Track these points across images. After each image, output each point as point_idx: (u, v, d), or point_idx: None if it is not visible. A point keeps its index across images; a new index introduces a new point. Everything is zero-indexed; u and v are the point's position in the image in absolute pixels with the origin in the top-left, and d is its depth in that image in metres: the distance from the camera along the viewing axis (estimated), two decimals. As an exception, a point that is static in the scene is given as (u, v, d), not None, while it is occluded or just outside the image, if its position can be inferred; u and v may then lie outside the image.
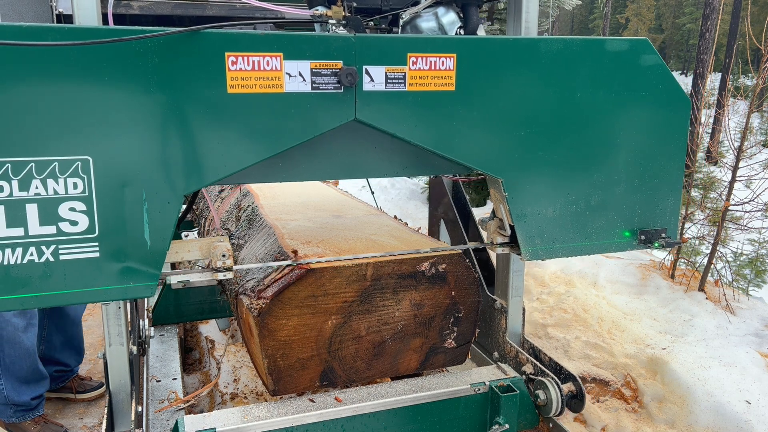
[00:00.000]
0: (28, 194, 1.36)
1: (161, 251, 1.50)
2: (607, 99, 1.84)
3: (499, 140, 1.75)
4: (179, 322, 2.77)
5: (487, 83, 1.70)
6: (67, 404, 2.93)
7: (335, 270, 1.72)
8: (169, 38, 1.40)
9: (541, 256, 1.89)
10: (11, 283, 1.38)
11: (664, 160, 1.96)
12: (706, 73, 8.52)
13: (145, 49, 1.39)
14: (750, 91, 3.87)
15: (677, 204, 2.01)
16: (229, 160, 1.50)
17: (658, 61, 1.87)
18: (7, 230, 1.35)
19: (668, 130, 1.94)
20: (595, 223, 1.93)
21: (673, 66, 57.93)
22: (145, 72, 1.40)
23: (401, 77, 1.61)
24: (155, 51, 1.40)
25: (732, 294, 3.57)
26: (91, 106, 1.37)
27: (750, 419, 2.56)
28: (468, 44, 1.66)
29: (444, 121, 1.68)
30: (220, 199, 2.93)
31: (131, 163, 1.43)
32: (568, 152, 1.83)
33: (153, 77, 1.41)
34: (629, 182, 1.93)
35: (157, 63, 1.40)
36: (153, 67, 1.40)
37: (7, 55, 1.29)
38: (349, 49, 1.54)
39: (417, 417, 1.88)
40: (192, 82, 1.44)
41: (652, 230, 2.00)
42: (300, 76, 1.52)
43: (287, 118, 1.53)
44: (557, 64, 1.75)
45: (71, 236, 1.41)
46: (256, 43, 1.47)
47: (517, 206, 1.82)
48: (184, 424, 1.67)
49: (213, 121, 1.47)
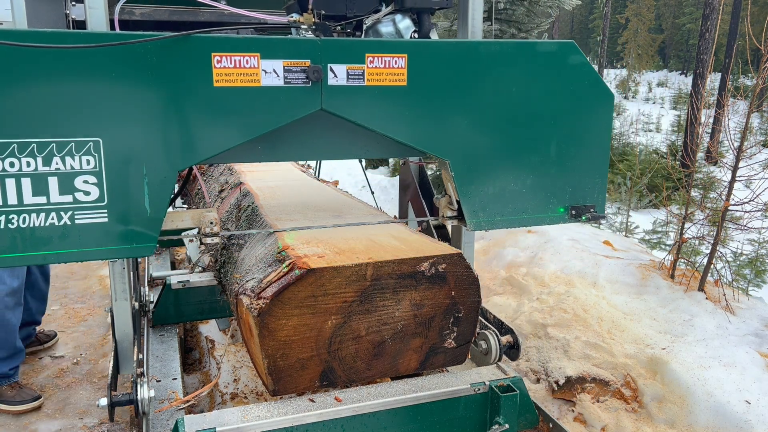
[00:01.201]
0: (50, 169, 1.66)
1: (159, 218, 1.79)
2: (540, 93, 2.14)
3: (446, 127, 2.05)
4: (179, 322, 2.77)
5: (434, 79, 1.99)
6: (67, 402, 2.94)
7: (335, 270, 1.72)
8: (165, 41, 1.70)
9: (483, 227, 2.19)
10: (35, 242, 1.67)
11: (592, 145, 2.26)
12: (706, 73, 8.52)
13: (146, 50, 1.68)
14: (750, 91, 3.87)
15: (604, 183, 2.33)
16: (215, 142, 1.80)
17: (583, 61, 2.17)
18: (32, 198, 1.65)
19: (594, 120, 2.24)
20: (532, 199, 2.22)
21: (673, 66, 57.94)
22: (146, 69, 1.69)
23: (360, 74, 1.91)
24: (154, 52, 1.69)
25: (732, 294, 3.57)
26: (102, 96, 1.67)
27: (750, 419, 2.57)
28: (417, 46, 1.97)
29: (397, 111, 1.97)
30: (220, 199, 2.93)
31: (134, 143, 1.72)
32: (506, 138, 2.14)
33: (152, 73, 1.70)
34: (561, 165, 2.23)
35: (156, 61, 1.69)
36: (152, 65, 1.69)
37: (35, 56, 1.58)
38: (316, 50, 1.84)
39: (417, 417, 1.89)
40: (184, 78, 1.74)
41: (582, 206, 2.30)
42: (274, 73, 1.82)
43: (263, 108, 1.83)
44: (495, 63, 2.06)
45: (85, 204, 1.71)
46: (237, 46, 1.77)
47: (462, 184, 2.12)
48: (184, 424, 1.67)
49: (201, 109, 1.77)
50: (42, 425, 2.77)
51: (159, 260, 4.12)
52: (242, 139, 1.84)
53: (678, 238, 3.88)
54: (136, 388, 1.93)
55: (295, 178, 3.19)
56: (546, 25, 6.83)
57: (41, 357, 3.40)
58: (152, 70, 1.70)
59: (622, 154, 13.50)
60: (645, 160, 13.08)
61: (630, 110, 27.10)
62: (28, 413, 2.85)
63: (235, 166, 3.26)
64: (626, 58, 44.78)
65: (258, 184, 2.84)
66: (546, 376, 3.06)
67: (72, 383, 3.13)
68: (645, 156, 14.35)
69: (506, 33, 6.33)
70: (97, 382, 3.16)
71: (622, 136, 16.23)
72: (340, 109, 1.90)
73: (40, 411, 2.88)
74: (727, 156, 11.86)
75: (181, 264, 4.56)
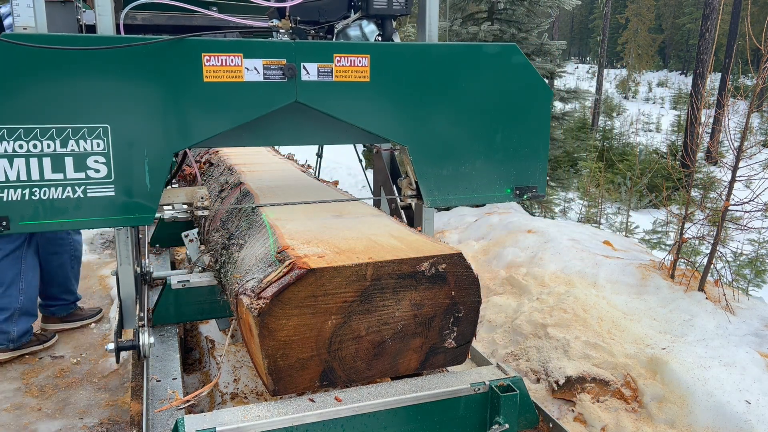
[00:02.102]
0: (66, 150, 1.96)
1: (157, 193, 2.09)
2: (486, 88, 2.45)
3: (404, 117, 2.36)
4: (179, 322, 2.77)
5: (394, 76, 2.30)
6: (67, 402, 2.94)
7: (335, 270, 1.72)
8: (163, 43, 1.98)
9: (438, 204, 2.52)
10: (54, 211, 1.99)
11: (533, 134, 2.56)
12: (706, 73, 8.52)
13: (147, 51, 1.97)
14: (750, 91, 3.87)
15: (544, 167, 2.64)
16: (204, 128, 2.10)
17: (524, 61, 2.48)
18: (52, 174, 1.96)
19: (534, 112, 2.54)
20: (481, 180, 2.53)
21: (673, 66, 57.94)
22: (146, 66, 1.99)
23: (329, 71, 2.21)
24: (153, 52, 1.98)
25: (732, 294, 3.57)
26: (110, 89, 1.96)
27: (750, 419, 2.57)
28: (379, 48, 2.29)
29: (362, 103, 2.27)
30: (221, 199, 2.93)
31: (136, 129, 2.02)
32: (457, 127, 2.44)
33: (152, 70, 2.00)
34: (505, 151, 2.54)
35: (155, 60, 1.99)
36: (151, 63, 1.99)
37: (56, 55, 1.89)
38: (291, 51, 2.14)
39: (417, 417, 1.89)
40: (178, 74, 2.03)
41: (525, 187, 2.61)
42: (255, 70, 2.11)
43: (246, 100, 2.12)
44: (447, 62, 2.37)
45: (95, 180, 2.01)
46: (224, 47, 2.06)
47: (419, 167, 2.44)
48: (184, 423, 1.67)
49: (193, 101, 2.06)
50: (42, 425, 2.77)
51: (159, 260, 4.11)
52: (228, 126, 2.13)
53: (678, 238, 3.88)
54: (138, 336, 2.29)
55: (295, 178, 3.20)
56: (546, 25, 6.83)
57: (41, 357, 3.40)
58: (152, 68, 2.00)
59: (622, 154, 13.51)
60: (645, 160, 13.09)
61: (630, 110, 27.10)
62: (28, 413, 2.85)
63: (235, 166, 3.27)
64: (626, 58, 44.78)
65: (258, 185, 2.84)
66: (546, 376, 3.06)
67: (72, 383, 3.13)
68: (645, 156, 14.36)
69: (506, 33, 6.33)
70: (97, 382, 3.16)
71: (622, 136, 16.24)
72: (312, 101, 2.20)
73: (40, 411, 2.88)
74: (727, 156, 11.86)
75: (181, 264, 4.55)
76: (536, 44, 6.68)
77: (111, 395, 3.04)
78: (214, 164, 3.58)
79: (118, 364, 3.18)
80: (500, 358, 3.32)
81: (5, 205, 1.94)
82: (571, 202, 9.62)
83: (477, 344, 2.84)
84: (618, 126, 19.59)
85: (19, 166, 1.93)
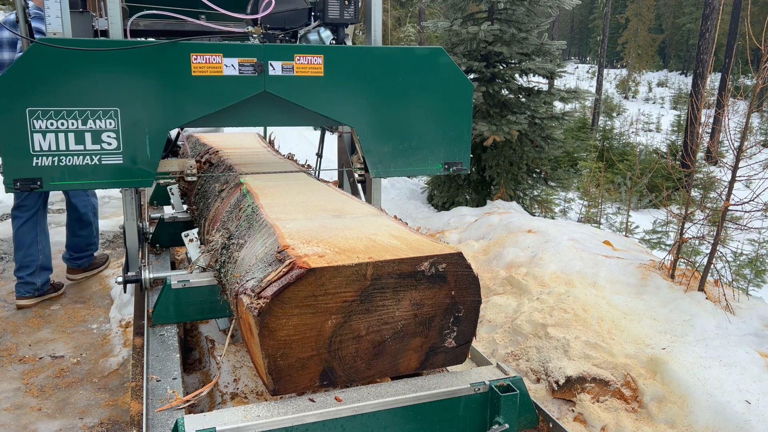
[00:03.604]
0: (86, 127, 2.59)
1: (155, 162, 2.73)
2: (418, 83, 3.06)
3: (352, 105, 2.98)
4: (179, 322, 2.77)
5: (343, 72, 2.92)
6: (67, 402, 2.93)
7: (335, 269, 1.72)
8: (160, 45, 2.63)
9: (381, 175, 3.13)
10: (76, 175, 2.62)
11: (457, 120, 3.18)
12: (706, 73, 8.52)
13: (148, 51, 2.62)
14: (750, 91, 3.87)
15: (468, 147, 3.26)
16: (192, 112, 2.75)
17: (449, 60, 3.09)
18: (75, 146, 2.59)
19: (458, 102, 3.15)
20: (416, 156, 3.17)
21: (673, 66, 57.93)
22: (147, 64, 2.63)
23: (291, 68, 2.83)
24: (153, 52, 2.63)
25: (732, 294, 3.57)
26: (120, 80, 2.60)
27: (750, 419, 2.56)
28: (330, 50, 2.91)
29: (317, 93, 2.90)
30: (220, 199, 2.93)
31: (140, 111, 2.65)
32: (395, 113, 3.07)
33: (152, 66, 2.64)
34: (436, 133, 3.16)
35: (154, 58, 2.64)
36: (151, 62, 2.63)
37: (79, 55, 2.52)
38: (260, 52, 2.78)
39: (417, 417, 1.89)
40: (172, 69, 2.67)
41: (452, 162, 3.24)
42: (232, 67, 2.74)
43: (225, 90, 2.75)
44: (385, 61, 3.00)
45: (107, 151, 2.65)
46: (208, 48, 2.69)
47: (365, 145, 3.06)
48: (184, 423, 1.67)
49: (184, 90, 2.70)
50: (42, 425, 2.77)
51: (159, 260, 4.11)
52: (211, 110, 2.76)
53: (678, 238, 3.88)
54: (141, 272, 2.89)
55: (296, 178, 3.20)
56: (546, 25, 6.83)
57: (41, 357, 3.40)
58: (152, 64, 2.63)
59: (622, 154, 13.51)
60: (645, 160, 13.09)
61: (630, 110, 27.10)
62: (28, 413, 2.85)
63: (235, 166, 3.27)
64: (626, 58, 44.77)
65: (258, 184, 2.84)
66: (546, 376, 3.06)
67: (72, 383, 3.13)
68: (645, 156, 14.36)
69: (506, 33, 6.32)
70: (97, 382, 3.16)
71: (622, 136, 16.24)
72: (277, 91, 2.83)
73: (40, 411, 2.88)
74: (727, 156, 11.86)
75: (181, 264, 4.55)
76: (536, 44, 6.68)
77: (111, 395, 3.04)
78: (214, 164, 3.57)
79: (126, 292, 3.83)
80: (500, 358, 3.32)
81: (39, 169, 2.57)
82: (571, 202, 9.61)
83: (477, 344, 2.84)
84: (618, 126, 19.59)
85: (50, 140, 2.56)
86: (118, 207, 6.49)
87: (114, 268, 4.79)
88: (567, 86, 12.40)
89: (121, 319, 3.85)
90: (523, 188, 7.02)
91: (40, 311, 4.02)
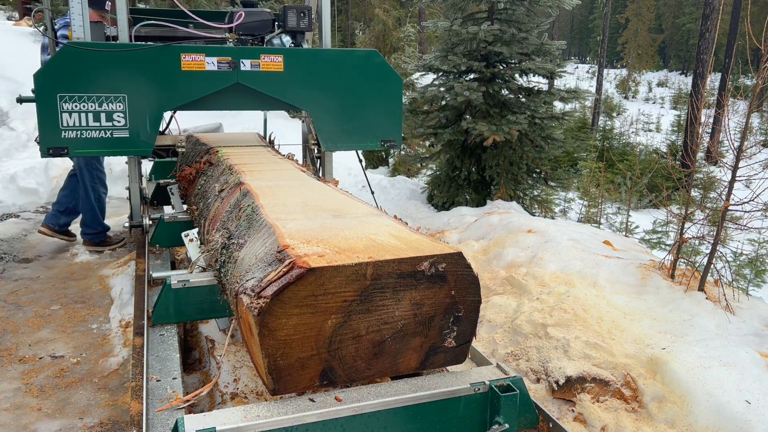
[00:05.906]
0: (101, 109, 3.60)
1: (154, 135, 3.77)
2: (358, 77, 4.06)
3: (306, 93, 3.99)
4: (179, 322, 2.77)
5: (299, 68, 3.93)
6: (67, 402, 2.93)
7: (335, 269, 1.72)
8: (158, 48, 3.65)
9: (331, 149, 4.16)
10: (94, 145, 3.65)
11: (389, 106, 4.17)
12: (706, 73, 8.52)
13: (148, 52, 3.64)
14: (750, 91, 3.87)
15: (399, 128, 4.24)
16: (182, 97, 3.79)
17: (382, 60, 4.09)
18: (93, 123, 3.59)
19: (389, 93, 4.16)
20: (358, 134, 4.14)
21: (673, 66, 57.90)
22: (147, 62, 3.64)
23: (258, 64, 3.83)
24: (152, 53, 3.65)
25: (732, 294, 3.57)
26: (127, 74, 3.63)
27: (750, 419, 2.56)
28: (288, 51, 3.94)
29: (279, 84, 3.91)
30: (220, 199, 2.93)
31: (141, 97, 3.67)
32: (341, 101, 4.06)
33: (150, 64, 3.65)
34: (373, 116, 4.14)
35: (152, 58, 3.65)
36: (150, 60, 3.65)
37: (98, 55, 3.54)
38: (234, 52, 3.80)
39: (417, 417, 1.89)
40: (166, 66, 3.69)
41: (387, 140, 4.22)
42: (213, 63, 3.74)
43: (207, 81, 3.78)
44: (331, 61, 3.99)
45: (117, 127, 3.66)
46: (194, 50, 3.67)
47: (317, 125, 4.08)
48: (184, 423, 1.67)
49: (175, 81, 3.72)
50: (42, 425, 2.77)
51: (159, 260, 4.11)
52: (196, 96, 3.79)
53: (678, 238, 3.88)
54: (143, 220, 4.11)
55: (296, 177, 3.20)
56: (546, 25, 6.82)
57: (41, 357, 3.40)
58: (151, 62, 3.65)
59: (622, 154, 13.51)
60: (645, 160, 13.09)
61: (630, 110, 27.09)
62: (28, 413, 2.85)
63: (234, 166, 3.27)
64: (626, 58, 44.76)
65: (258, 184, 2.83)
66: (546, 376, 3.06)
67: (72, 383, 3.13)
68: (645, 156, 14.36)
69: (506, 33, 6.32)
70: (97, 382, 3.16)
71: (622, 136, 16.25)
72: (247, 82, 3.85)
73: (40, 411, 2.88)
74: (727, 156, 11.86)
75: (181, 264, 4.55)
76: (536, 44, 6.67)
77: (111, 395, 3.04)
78: (214, 164, 3.58)
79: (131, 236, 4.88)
80: (500, 357, 3.32)
81: (67, 141, 3.56)
82: (571, 202, 9.62)
83: (477, 344, 2.84)
84: (618, 126, 19.59)
85: (74, 118, 3.54)
86: (118, 207, 6.50)
87: (113, 268, 4.80)
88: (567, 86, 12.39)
89: (121, 319, 3.85)
90: (523, 188, 7.02)
91: (40, 311, 4.02)
